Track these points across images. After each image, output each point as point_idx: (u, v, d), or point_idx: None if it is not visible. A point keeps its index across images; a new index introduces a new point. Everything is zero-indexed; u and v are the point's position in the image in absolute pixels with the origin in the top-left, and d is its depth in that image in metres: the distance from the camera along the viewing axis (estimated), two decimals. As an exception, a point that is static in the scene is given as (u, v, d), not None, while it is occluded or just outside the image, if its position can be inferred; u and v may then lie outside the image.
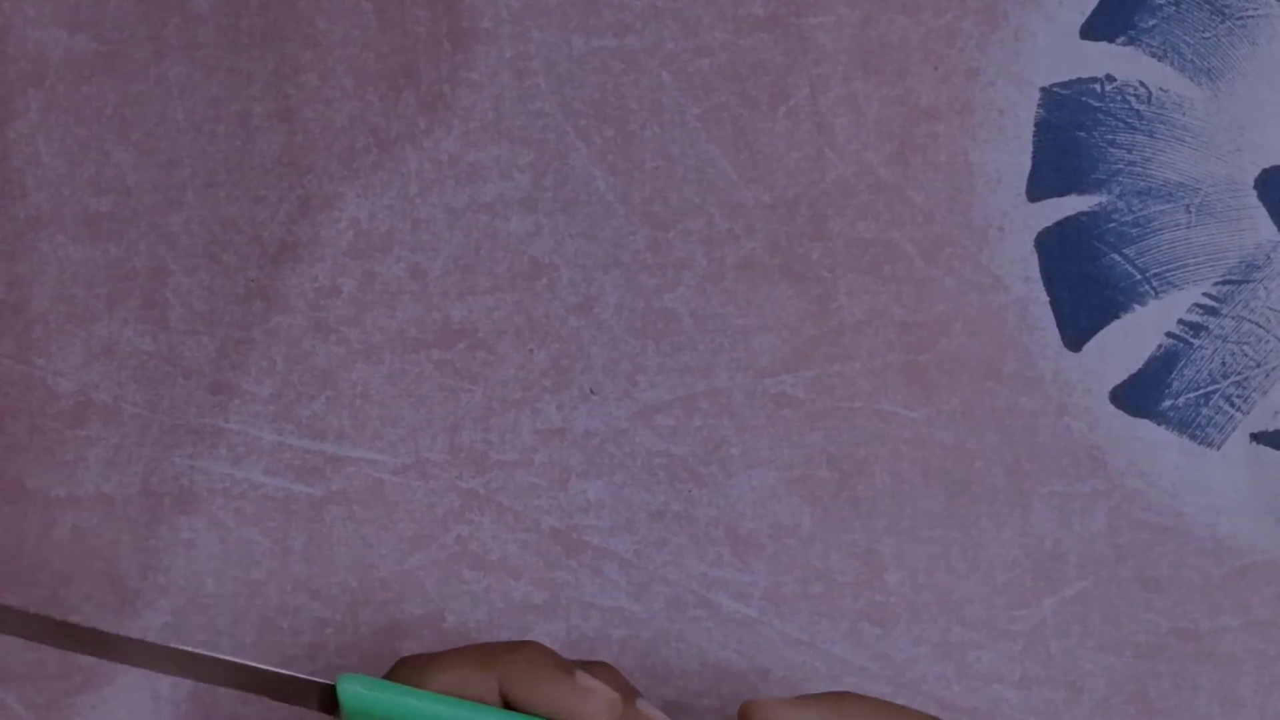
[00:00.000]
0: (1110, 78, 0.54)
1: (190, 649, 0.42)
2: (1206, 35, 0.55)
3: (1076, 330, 0.54)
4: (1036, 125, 0.54)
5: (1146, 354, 0.53)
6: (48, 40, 0.54)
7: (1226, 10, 0.55)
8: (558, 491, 0.52)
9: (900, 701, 0.51)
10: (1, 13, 0.54)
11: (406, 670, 0.43)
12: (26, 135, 0.53)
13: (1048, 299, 0.54)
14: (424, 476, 0.52)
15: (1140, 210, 0.54)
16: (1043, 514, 0.53)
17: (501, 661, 0.43)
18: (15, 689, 0.51)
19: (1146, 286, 0.54)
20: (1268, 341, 0.54)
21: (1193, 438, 0.53)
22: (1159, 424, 0.53)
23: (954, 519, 0.53)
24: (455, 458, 0.53)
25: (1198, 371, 0.53)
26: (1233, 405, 0.53)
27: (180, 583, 0.52)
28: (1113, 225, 0.54)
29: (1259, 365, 0.54)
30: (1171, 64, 0.55)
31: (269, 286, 0.53)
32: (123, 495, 0.52)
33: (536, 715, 0.42)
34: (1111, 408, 0.53)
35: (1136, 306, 0.54)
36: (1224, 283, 0.54)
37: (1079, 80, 0.55)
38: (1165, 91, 0.54)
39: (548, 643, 0.51)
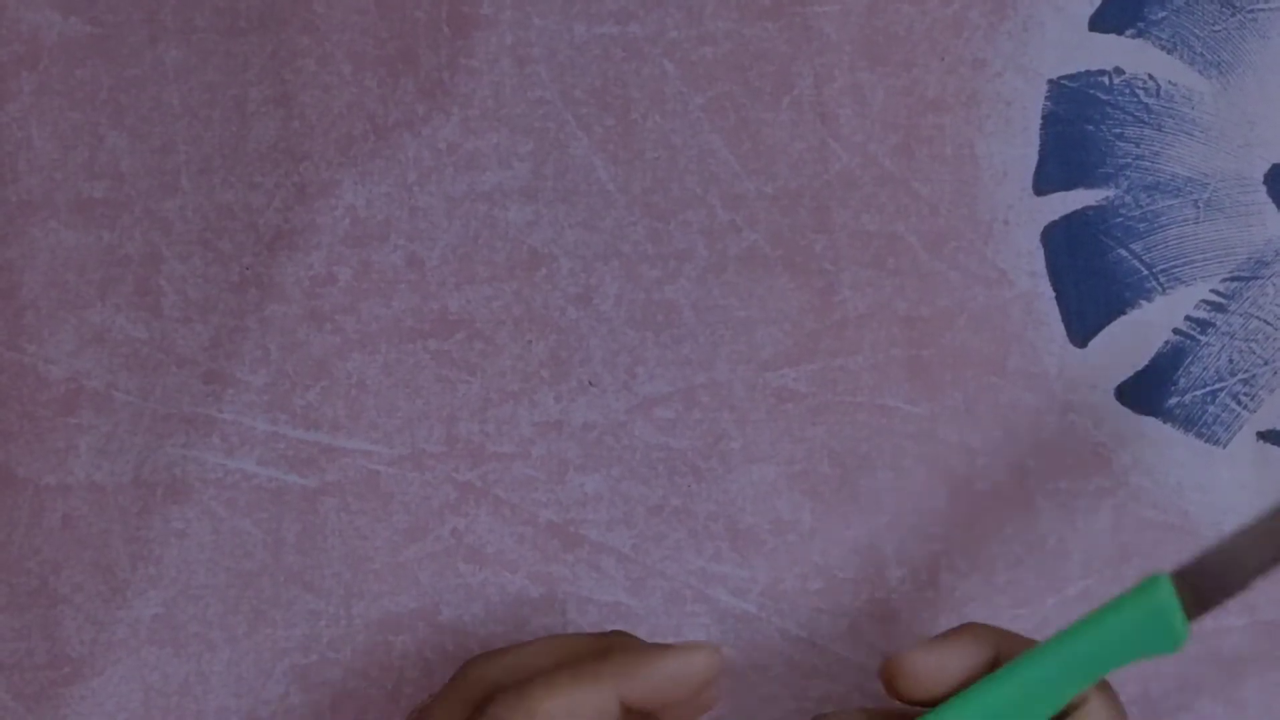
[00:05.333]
0: (1119, 70, 0.54)
1: None
2: (1216, 28, 0.54)
3: (1082, 326, 0.53)
4: (1044, 118, 0.54)
5: (1153, 351, 0.53)
6: (41, 23, 0.53)
7: (1237, 3, 0.54)
8: (555, 484, 0.52)
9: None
10: (-5, -6, 0.54)
11: (499, 710, 0.42)
12: (19, 119, 0.53)
13: (1053, 294, 0.53)
14: (420, 468, 0.52)
15: (1148, 205, 0.54)
16: (1046, 511, 0.53)
17: (606, 671, 0.42)
18: (4, 679, 0.51)
19: (1154, 282, 0.53)
20: (1275, 339, 0.53)
21: (1199, 435, 0.53)
22: (1165, 421, 0.53)
23: (956, 516, 0.52)
24: (452, 449, 0.52)
25: (1204, 369, 0.53)
26: (1239, 403, 0.53)
27: (171, 573, 0.52)
28: (1120, 220, 0.54)
29: (1266, 363, 0.53)
30: (1181, 57, 0.54)
31: (264, 274, 0.53)
32: (114, 484, 0.52)
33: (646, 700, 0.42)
34: (1117, 404, 0.53)
35: (1143, 302, 0.53)
36: (1232, 279, 0.53)
37: (1087, 73, 0.54)
38: (1174, 85, 0.54)
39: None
